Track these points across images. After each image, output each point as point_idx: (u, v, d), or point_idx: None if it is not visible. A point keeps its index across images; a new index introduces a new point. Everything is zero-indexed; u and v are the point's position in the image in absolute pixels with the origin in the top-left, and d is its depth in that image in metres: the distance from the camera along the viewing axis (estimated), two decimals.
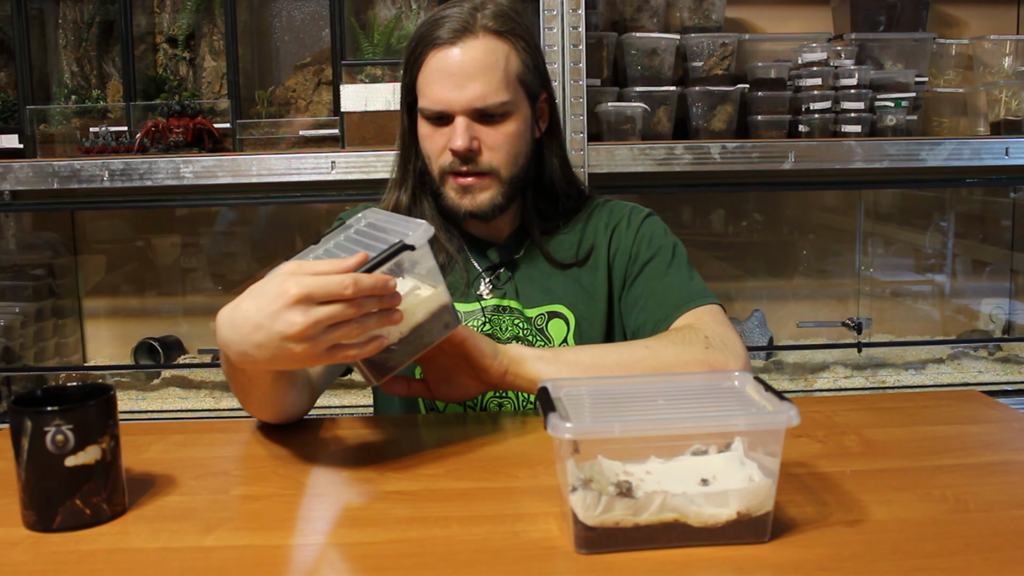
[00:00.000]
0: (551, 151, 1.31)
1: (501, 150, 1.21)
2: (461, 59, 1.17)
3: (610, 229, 1.32)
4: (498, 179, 1.22)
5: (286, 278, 0.86)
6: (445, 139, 1.20)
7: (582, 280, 1.30)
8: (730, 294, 2.30)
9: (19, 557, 0.79)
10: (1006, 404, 1.16)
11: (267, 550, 0.79)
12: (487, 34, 1.18)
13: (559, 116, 1.35)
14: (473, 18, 1.18)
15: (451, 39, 1.17)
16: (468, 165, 1.21)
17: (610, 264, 1.30)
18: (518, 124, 1.22)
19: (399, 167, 1.31)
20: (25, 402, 0.86)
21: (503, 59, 1.19)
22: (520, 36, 1.22)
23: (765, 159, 1.87)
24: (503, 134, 1.21)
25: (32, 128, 1.91)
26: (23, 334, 2.07)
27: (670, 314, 1.21)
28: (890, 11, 2.04)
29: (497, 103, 1.18)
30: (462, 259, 1.29)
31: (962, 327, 2.34)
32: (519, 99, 1.22)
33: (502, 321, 1.26)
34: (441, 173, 1.23)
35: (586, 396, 0.86)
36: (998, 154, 1.91)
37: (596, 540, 0.75)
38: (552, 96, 1.30)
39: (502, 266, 1.29)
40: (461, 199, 1.23)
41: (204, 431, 1.16)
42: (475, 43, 1.18)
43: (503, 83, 1.19)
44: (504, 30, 1.19)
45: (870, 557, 0.74)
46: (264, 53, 2.14)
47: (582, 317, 1.28)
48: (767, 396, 0.81)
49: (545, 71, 1.28)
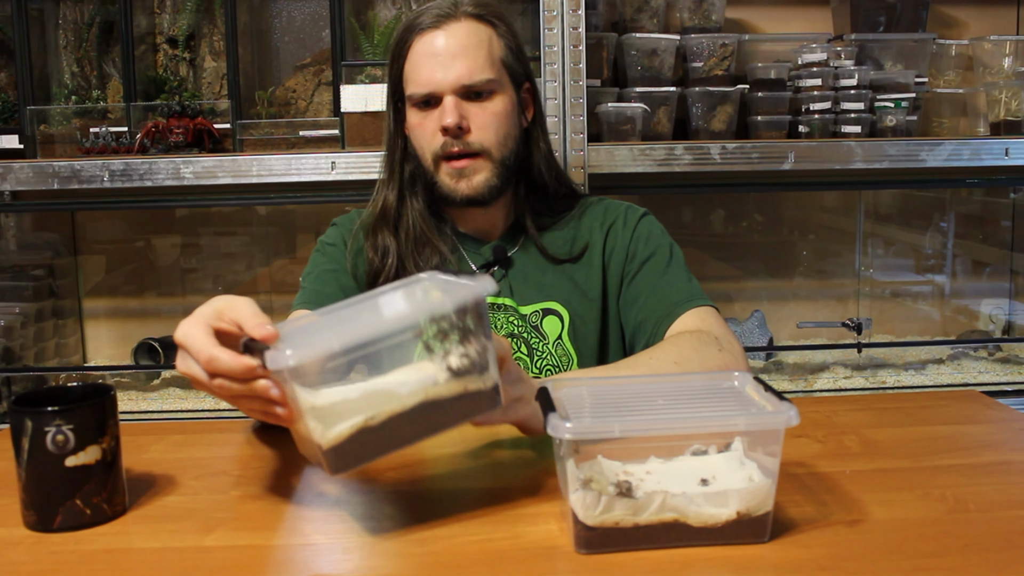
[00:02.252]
0: (537, 142, 1.32)
1: (490, 128, 1.23)
2: (446, 41, 1.21)
3: (605, 227, 1.32)
4: (490, 159, 1.24)
5: (195, 319, 0.81)
6: (435, 123, 1.23)
7: (576, 277, 1.30)
8: (730, 294, 2.30)
9: (19, 557, 0.79)
10: (1006, 404, 1.16)
11: (267, 550, 0.79)
12: (468, 18, 1.23)
13: (542, 108, 1.37)
14: (455, 5, 1.23)
15: (434, 23, 1.22)
16: (459, 145, 1.22)
17: (605, 262, 1.31)
18: (505, 104, 1.25)
19: (386, 167, 1.33)
20: (25, 402, 0.86)
21: (486, 40, 1.23)
22: (501, 21, 1.26)
23: (765, 160, 1.87)
24: (491, 112, 1.23)
25: (32, 128, 1.91)
26: (23, 334, 2.08)
27: (672, 311, 1.21)
28: (890, 12, 2.04)
29: (483, 79, 1.22)
30: (455, 258, 1.29)
31: (962, 327, 2.34)
32: (504, 80, 1.25)
33: (497, 319, 1.27)
34: (434, 159, 1.24)
35: (586, 396, 0.86)
36: (998, 154, 1.91)
37: (596, 540, 0.75)
38: (535, 87, 1.33)
39: (496, 264, 1.30)
40: (457, 183, 1.24)
41: (204, 431, 1.16)
42: (458, 26, 1.22)
43: (487, 61, 1.22)
44: (485, 14, 1.24)
45: (870, 557, 0.74)
46: (264, 54, 2.14)
47: (576, 314, 1.28)
48: (767, 396, 0.81)
49: (527, 61, 1.30)
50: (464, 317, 0.79)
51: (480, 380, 0.80)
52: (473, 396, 0.80)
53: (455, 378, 0.79)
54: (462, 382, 0.79)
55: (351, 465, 0.77)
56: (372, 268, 1.28)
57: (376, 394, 0.78)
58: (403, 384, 0.78)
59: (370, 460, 0.78)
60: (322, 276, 1.28)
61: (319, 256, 1.32)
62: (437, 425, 0.79)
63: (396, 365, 0.79)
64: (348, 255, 1.30)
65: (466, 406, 0.80)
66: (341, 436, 0.76)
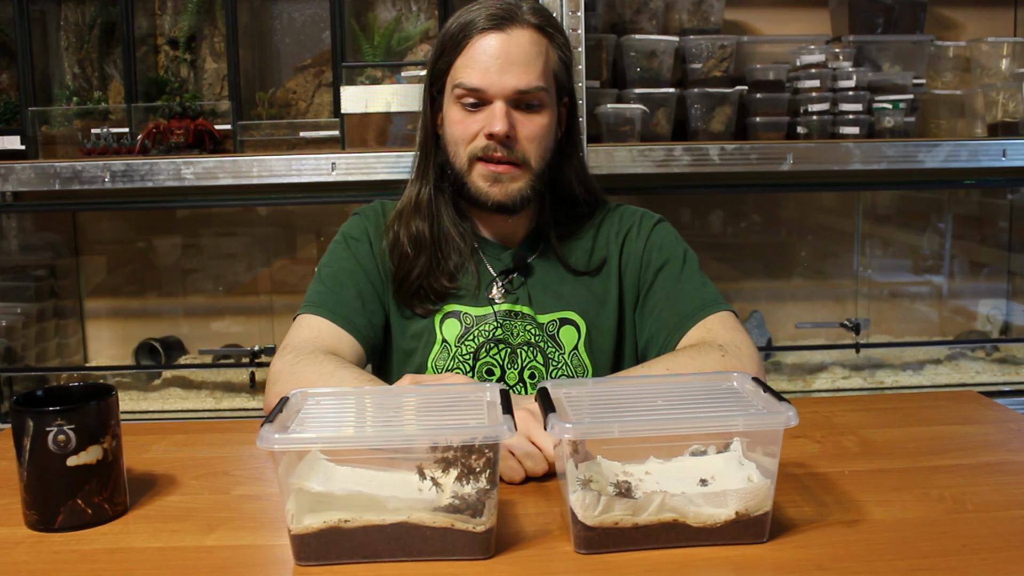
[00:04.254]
0: (570, 156, 1.31)
1: (535, 141, 1.22)
2: (506, 44, 1.19)
3: (621, 236, 1.32)
4: (528, 171, 1.23)
5: None
6: (479, 125, 1.21)
7: (593, 287, 1.30)
8: (729, 295, 2.30)
9: (21, 556, 0.79)
10: (1003, 404, 1.17)
11: (267, 550, 0.80)
12: (529, 26, 1.21)
13: (579, 122, 1.36)
14: (517, 9, 1.22)
15: (496, 25, 1.20)
16: (503, 151, 1.21)
17: (621, 272, 1.31)
18: (549, 118, 1.24)
19: (420, 160, 1.30)
20: (27, 402, 0.86)
21: (544, 50, 1.22)
22: (559, 33, 1.25)
23: (764, 161, 1.87)
24: (537, 124, 1.22)
25: (34, 130, 1.92)
26: (25, 335, 2.08)
27: (683, 323, 1.22)
28: (888, 13, 2.04)
29: (537, 87, 1.20)
30: (475, 261, 1.29)
31: (960, 328, 2.35)
32: (552, 92, 1.24)
33: (514, 326, 1.26)
34: (470, 158, 1.22)
35: (586, 396, 0.86)
36: (995, 156, 1.91)
37: (595, 540, 0.75)
38: (574, 101, 1.32)
39: (515, 271, 1.29)
40: (491, 187, 1.22)
41: (205, 431, 1.17)
42: (520, 31, 1.20)
43: (543, 72, 1.21)
44: (544, 25, 1.23)
45: (868, 557, 0.74)
46: (265, 55, 2.15)
47: (593, 324, 1.28)
48: (765, 397, 0.81)
49: (573, 76, 1.30)
50: (469, 456, 0.75)
51: (470, 522, 0.75)
52: (458, 535, 0.75)
53: (444, 512, 0.75)
54: (450, 518, 0.75)
55: (314, 559, 0.75)
56: (400, 255, 1.27)
57: (361, 497, 0.76)
58: (392, 498, 0.75)
59: (336, 561, 0.75)
60: (338, 275, 1.26)
61: (341, 249, 1.30)
62: (413, 551, 0.75)
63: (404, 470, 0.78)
64: (372, 248, 1.28)
65: (449, 543, 0.75)
66: (311, 528, 0.75)
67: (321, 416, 0.84)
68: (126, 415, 1.52)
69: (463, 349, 1.25)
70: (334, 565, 0.75)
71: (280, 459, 0.76)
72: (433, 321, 1.27)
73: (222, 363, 2.11)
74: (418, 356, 1.26)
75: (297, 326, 1.22)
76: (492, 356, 1.25)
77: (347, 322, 1.22)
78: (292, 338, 1.20)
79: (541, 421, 0.80)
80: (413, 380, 1.01)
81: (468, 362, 1.25)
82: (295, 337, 1.20)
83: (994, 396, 1.76)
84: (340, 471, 0.79)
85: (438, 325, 1.26)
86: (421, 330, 1.27)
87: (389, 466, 0.79)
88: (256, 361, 2.05)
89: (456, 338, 1.25)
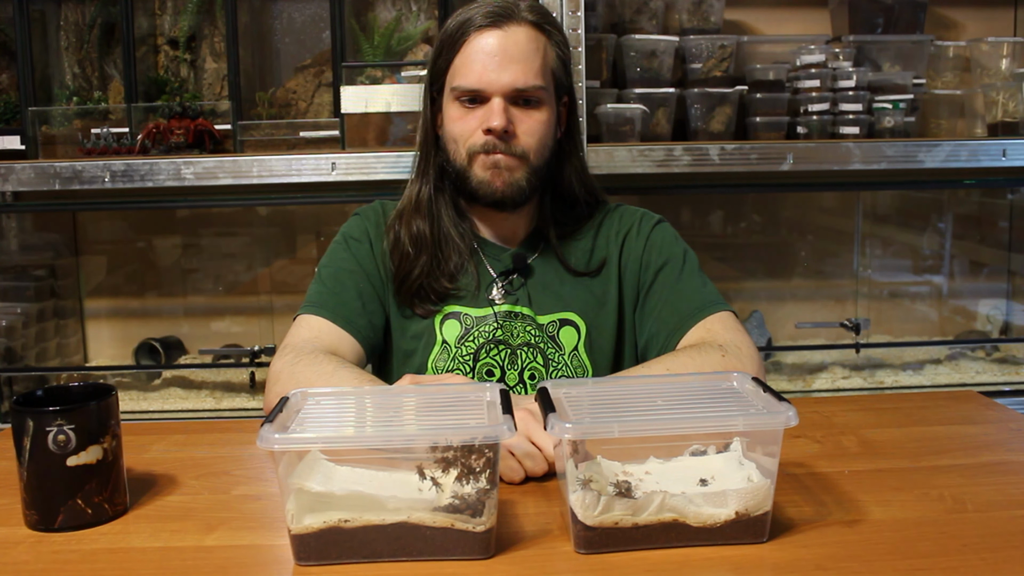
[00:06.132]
0: (570, 155, 1.31)
1: (534, 136, 1.23)
2: (504, 42, 1.20)
3: (620, 237, 1.32)
4: (527, 164, 1.23)
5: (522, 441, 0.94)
6: (477, 121, 1.21)
7: (593, 288, 1.30)
8: (729, 295, 2.30)
9: (21, 556, 0.79)
10: (1003, 404, 1.17)
11: (267, 550, 0.80)
12: (527, 24, 1.22)
13: (578, 121, 1.36)
14: (514, 7, 1.22)
15: (494, 23, 1.21)
16: (502, 146, 1.21)
17: (621, 273, 1.31)
18: (548, 114, 1.24)
19: (420, 159, 1.31)
20: (27, 402, 0.86)
21: (542, 47, 1.23)
22: (557, 31, 1.26)
23: (763, 161, 1.87)
24: (536, 120, 1.23)
25: (34, 129, 1.92)
26: (25, 334, 2.08)
27: (683, 324, 1.22)
28: (888, 13, 2.04)
29: (534, 86, 1.21)
30: (474, 261, 1.29)
31: (960, 328, 2.35)
32: (550, 90, 1.25)
33: (514, 327, 1.26)
34: (470, 153, 1.23)
35: (586, 396, 0.86)
36: (995, 156, 1.91)
37: (595, 540, 0.75)
38: (574, 100, 1.32)
39: (515, 271, 1.29)
40: (493, 179, 1.22)
41: (205, 431, 1.17)
42: (517, 29, 1.21)
43: (540, 69, 1.22)
44: (542, 23, 1.24)
45: (868, 557, 0.74)
46: (265, 55, 2.15)
47: (593, 325, 1.28)
48: (765, 397, 0.81)
49: (572, 75, 1.30)
50: (469, 456, 0.75)
51: (470, 522, 0.75)
52: (458, 535, 0.75)
53: (444, 512, 0.75)
54: (450, 518, 0.75)
55: (314, 559, 0.76)
56: (401, 255, 1.27)
57: (362, 497, 0.76)
58: (392, 498, 0.75)
59: (336, 561, 0.76)
60: (339, 276, 1.27)
61: (341, 249, 1.30)
62: (413, 551, 0.75)
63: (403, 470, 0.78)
64: (372, 249, 1.29)
65: (449, 542, 0.75)
66: (311, 528, 0.75)
67: (321, 416, 0.84)
68: (126, 415, 1.52)
69: (463, 350, 1.25)
70: (334, 565, 0.75)
71: (280, 459, 0.76)
72: (433, 322, 1.27)
73: (222, 363, 2.11)
74: (418, 357, 1.26)
75: (297, 326, 1.23)
76: (492, 357, 1.25)
77: (347, 322, 1.22)
78: (292, 338, 1.20)
79: (541, 421, 0.80)
80: (413, 380, 1.01)
81: (468, 363, 1.25)
82: (295, 337, 1.20)
83: (994, 396, 1.76)
84: (340, 471, 0.80)
85: (438, 326, 1.27)
86: (421, 331, 1.27)
87: (389, 466, 0.79)
88: (256, 361, 2.05)
89: (456, 339, 1.25)
